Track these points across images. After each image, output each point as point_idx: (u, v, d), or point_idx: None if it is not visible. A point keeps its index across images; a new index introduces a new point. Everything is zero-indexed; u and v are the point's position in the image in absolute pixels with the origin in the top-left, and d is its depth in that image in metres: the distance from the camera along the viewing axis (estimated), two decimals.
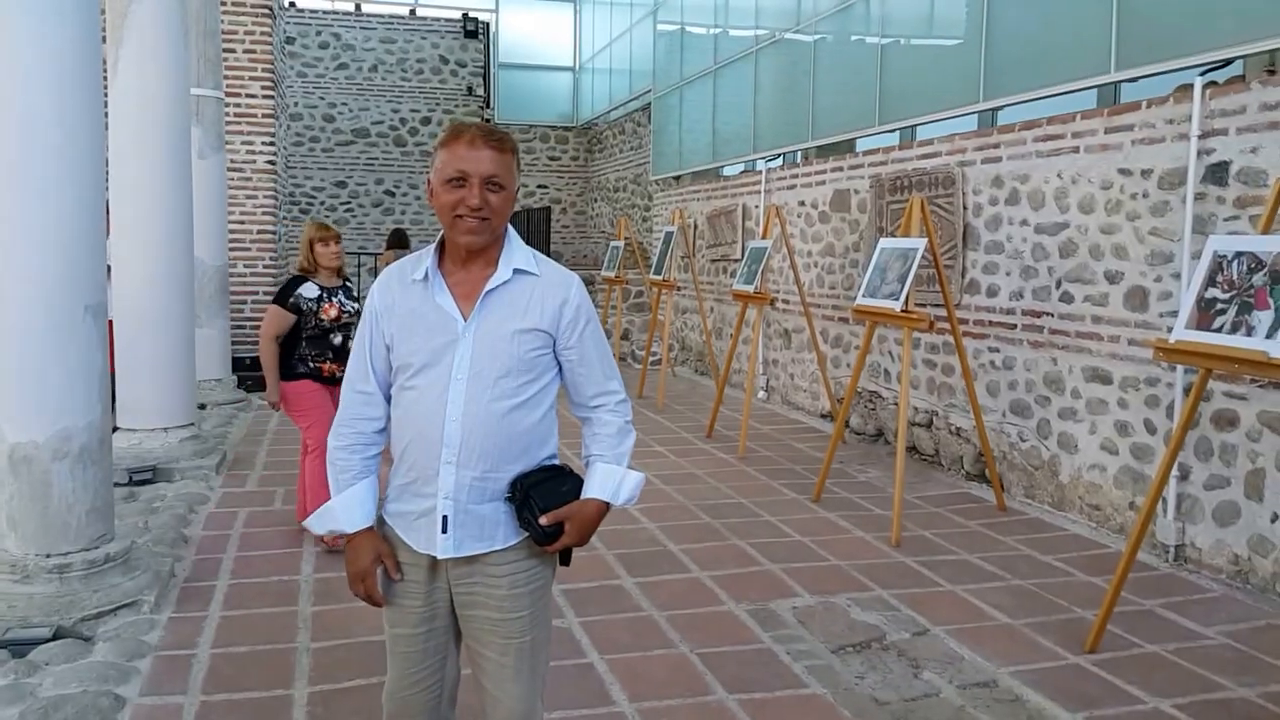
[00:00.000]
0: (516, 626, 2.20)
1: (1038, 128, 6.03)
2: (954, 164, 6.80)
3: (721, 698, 3.51)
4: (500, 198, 2.10)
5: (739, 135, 10.82)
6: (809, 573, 4.81)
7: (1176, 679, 3.67)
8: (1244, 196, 4.64)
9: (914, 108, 7.54)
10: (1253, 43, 4.69)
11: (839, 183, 8.57)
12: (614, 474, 2.24)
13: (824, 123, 8.96)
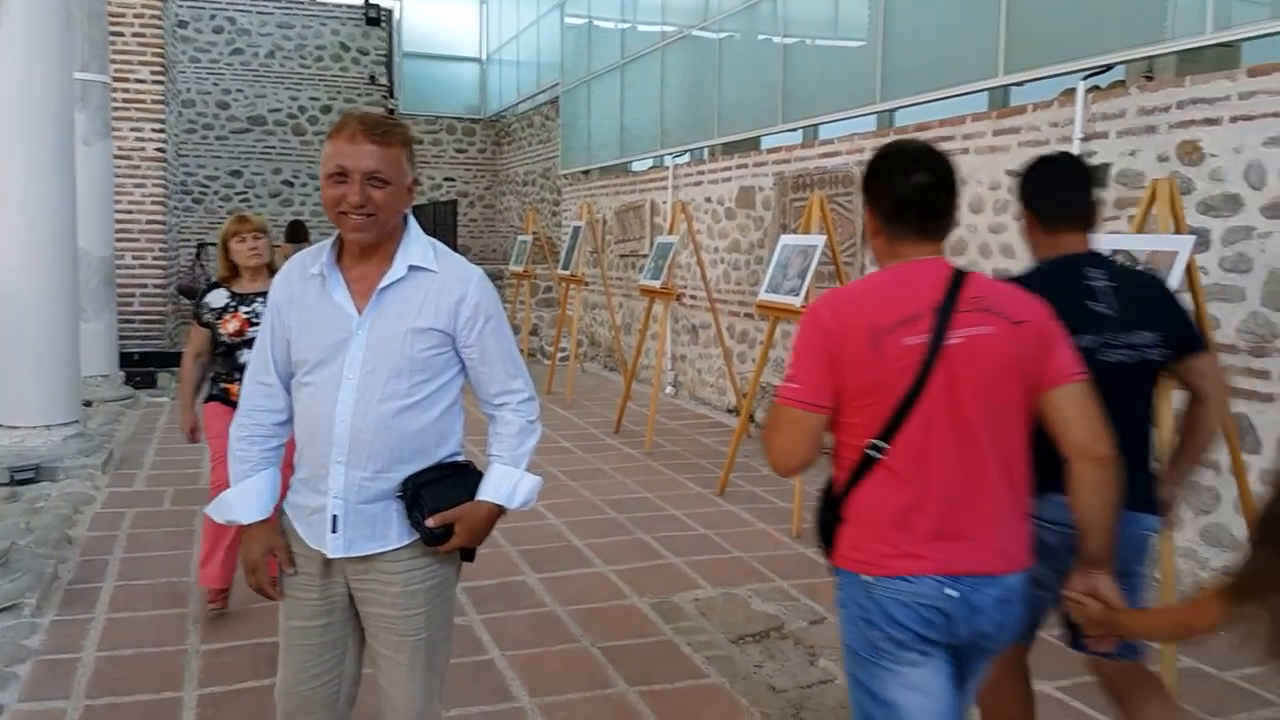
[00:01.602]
0: (411, 624, 2.17)
1: (931, 129, 6.20)
2: (853, 163, 6.94)
3: (622, 690, 3.54)
4: (385, 194, 2.03)
5: (647, 131, 10.87)
6: (712, 565, 4.87)
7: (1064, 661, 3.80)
8: (1123, 197, 4.84)
9: (816, 107, 7.67)
10: (1133, 49, 4.90)
11: (744, 180, 8.67)
12: (509, 476, 2.21)
13: (730, 120, 9.05)
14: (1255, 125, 4.22)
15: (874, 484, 1.99)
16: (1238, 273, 4.30)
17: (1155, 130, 4.70)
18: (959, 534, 1.96)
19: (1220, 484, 4.33)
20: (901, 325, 1.94)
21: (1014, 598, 2.01)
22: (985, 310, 1.96)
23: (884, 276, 2.06)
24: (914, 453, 1.95)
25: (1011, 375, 1.97)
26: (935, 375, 1.93)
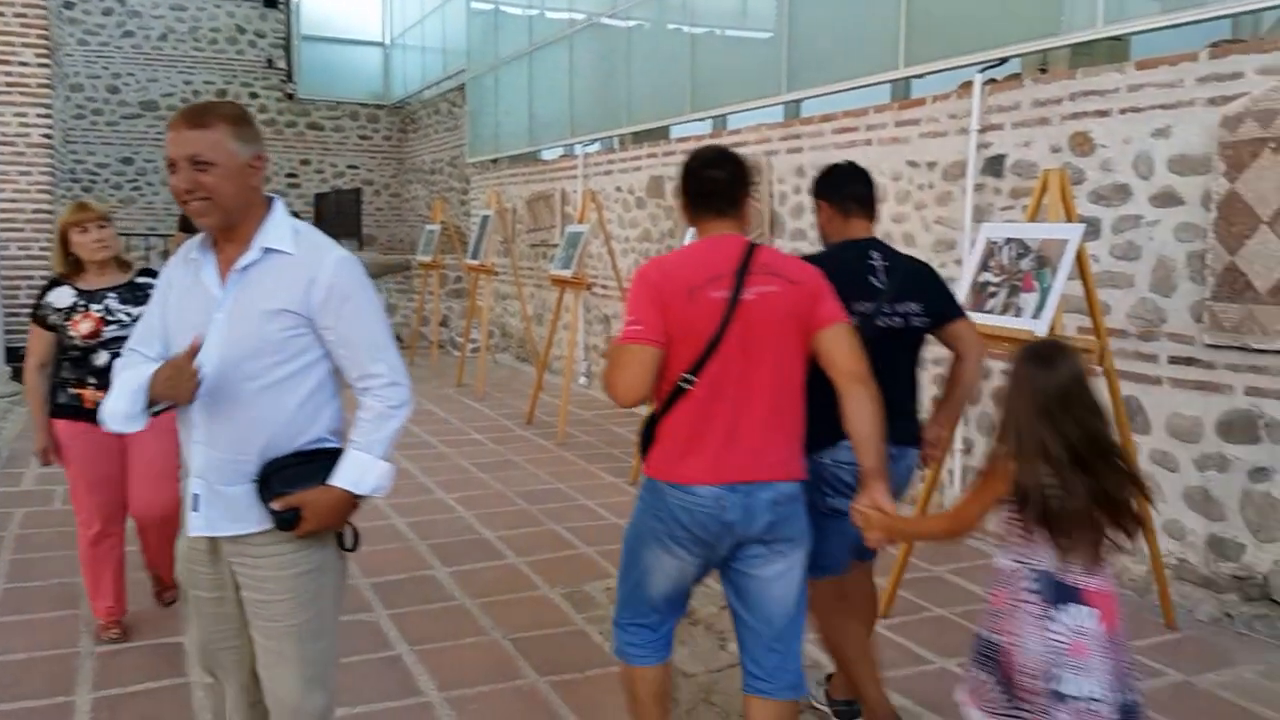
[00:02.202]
0: (279, 610, 2.20)
1: (835, 120, 6.30)
2: (760, 153, 7.01)
3: (533, 681, 3.53)
4: (212, 176, 2.06)
5: (557, 119, 10.80)
6: (615, 555, 4.86)
7: (962, 638, 3.91)
8: (1018, 187, 4.99)
9: (725, 97, 7.72)
10: (1028, 42, 5.04)
11: (654, 169, 8.69)
12: (359, 462, 2.21)
13: (640, 109, 9.05)
14: (1143, 117, 4.39)
15: (681, 410, 2.47)
16: (1127, 260, 4.46)
17: (1048, 122, 4.85)
18: (742, 450, 2.44)
19: None
20: (710, 283, 2.44)
21: (785, 500, 2.49)
22: (771, 274, 2.48)
23: (696, 247, 2.59)
24: (713, 384, 2.44)
25: (791, 323, 2.48)
26: (734, 322, 2.43)
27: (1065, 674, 2.05)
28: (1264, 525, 3.92)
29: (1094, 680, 2.05)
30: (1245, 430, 3.99)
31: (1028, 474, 2.10)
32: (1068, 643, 2.06)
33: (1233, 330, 3.98)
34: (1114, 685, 2.07)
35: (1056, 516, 2.08)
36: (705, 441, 2.44)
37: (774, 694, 2.57)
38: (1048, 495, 2.08)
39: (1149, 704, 3.37)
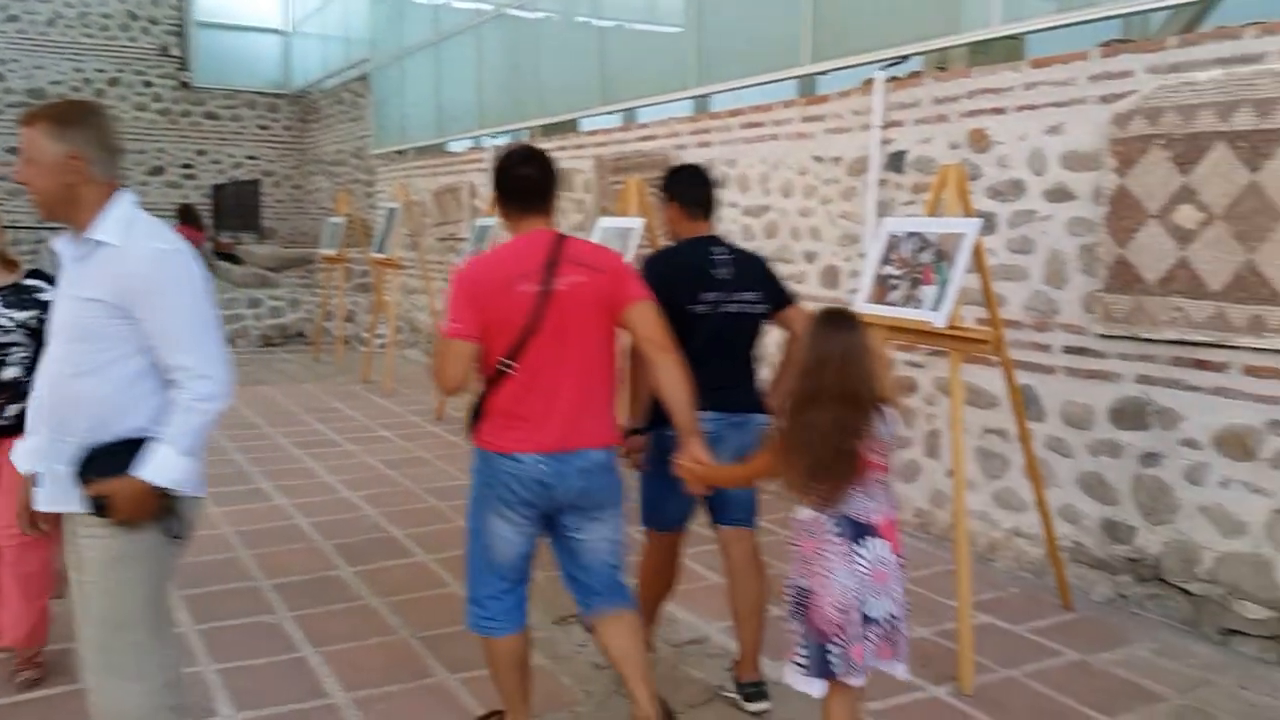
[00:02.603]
0: (88, 592, 2.32)
1: (743, 115, 6.35)
2: (670, 147, 7.03)
3: (443, 679, 3.49)
4: (30, 170, 2.25)
5: (465, 111, 10.66)
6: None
7: None
8: (919, 183, 5.10)
9: (634, 91, 7.72)
10: (928, 40, 5.15)
11: (564, 162, 8.63)
12: (161, 454, 2.26)
13: (549, 102, 9.00)
14: (1038, 114, 4.52)
15: (503, 390, 2.78)
16: (1022, 254, 4.60)
17: (947, 119, 4.96)
18: (557, 423, 2.76)
19: (1008, 450, 4.63)
20: (522, 278, 2.72)
21: (596, 467, 2.83)
22: (579, 264, 2.77)
23: (509, 244, 2.87)
24: (530, 367, 2.74)
25: (598, 309, 2.79)
26: (546, 312, 2.72)
27: (870, 599, 2.41)
28: (1155, 508, 4.09)
29: (891, 600, 2.44)
30: (1135, 417, 4.15)
31: (800, 422, 2.42)
32: (870, 572, 2.42)
33: (1123, 321, 4.13)
34: (903, 598, 2.47)
35: (820, 460, 2.39)
36: (525, 417, 2.77)
37: (608, 609, 2.96)
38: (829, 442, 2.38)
39: (1046, 683, 3.51)
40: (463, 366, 2.77)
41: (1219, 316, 3.79)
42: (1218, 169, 3.78)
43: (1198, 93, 3.84)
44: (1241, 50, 3.74)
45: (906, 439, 5.24)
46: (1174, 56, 3.97)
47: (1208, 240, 3.82)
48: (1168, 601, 4.05)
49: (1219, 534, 3.86)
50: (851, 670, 2.42)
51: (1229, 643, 3.82)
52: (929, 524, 5.13)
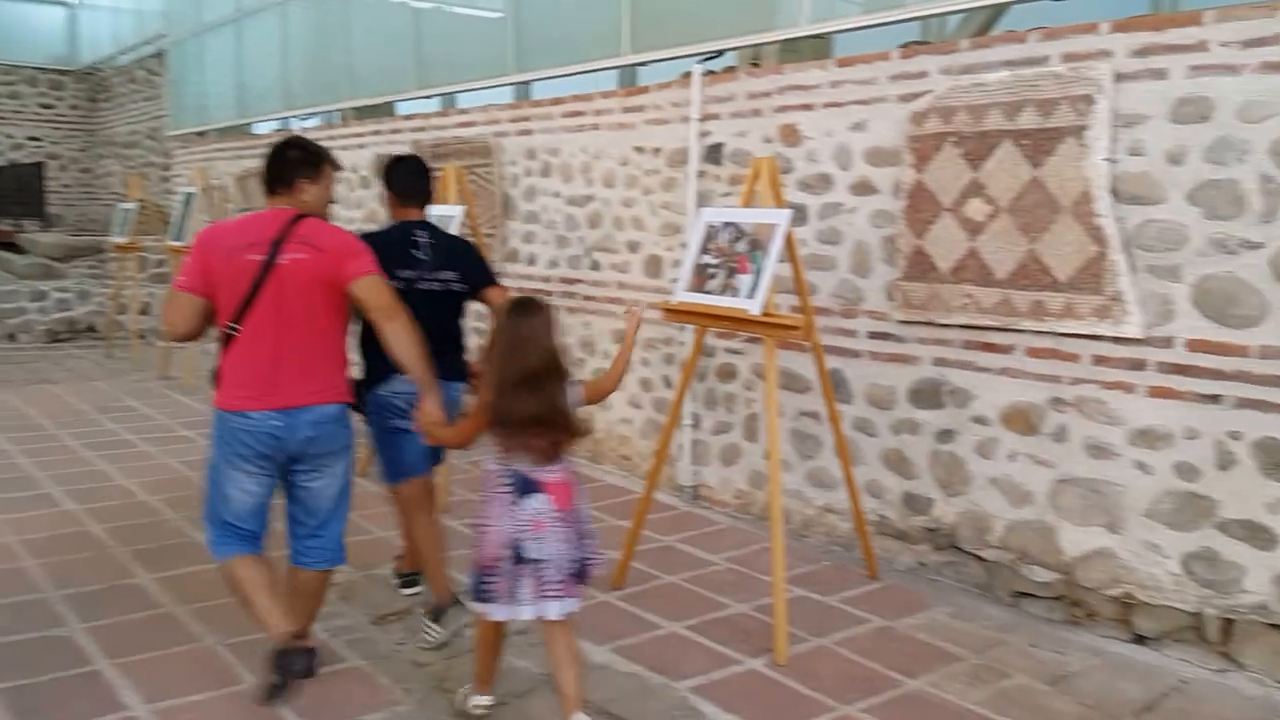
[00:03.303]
0: None
1: (564, 104, 6.36)
2: (490, 134, 6.96)
3: (252, 686, 3.34)
4: None
5: (270, 91, 10.20)
6: (352, 548, 4.66)
7: (689, 603, 4.12)
8: (736, 175, 5.25)
9: (453, 76, 7.60)
10: (742, 36, 5.31)
11: (380, 147, 8.41)
12: None
13: (362, 84, 8.73)
14: (843, 111, 4.73)
15: (233, 353, 3.12)
16: (830, 244, 4.81)
17: (761, 113, 5.13)
18: (284, 382, 3.10)
19: (820, 431, 4.85)
20: (248, 247, 3.08)
21: (324, 420, 3.19)
22: (304, 243, 3.11)
23: (248, 216, 3.26)
24: (255, 331, 3.08)
25: (319, 284, 3.13)
26: (268, 282, 3.07)
27: (527, 544, 2.82)
28: (950, 481, 4.37)
29: (547, 547, 2.83)
30: (932, 397, 4.42)
31: (497, 398, 2.83)
32: (529, 521, 2.82)
33: (920, 307, 4.38)
34: (568, 549, 2.87)
35: (509, 427, 2.83)
36: (254, 377, 3.10)
37: (312, 566, 3.33)
38: (503, 412, 2.82)
39: (854, 649, 3.70)
40: (183, 315, 3.14)
41: (1005, 302, 4.08)
42: (1004, 165, 4.07)
43: (987, 93, 4.12)
44: (1026, 53, 4.03)
45: (728, 423, 5.40)
46: (966, 58, 4.24)
47: (995, 232, 4.11)
48: (963, 568, 4.35)
49: (1008, 504, 4.17)
50: (503, 600, 2.85)
51: (1019, 604, 4.13)
52: (749, 504, 5.30)
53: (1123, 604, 3.83)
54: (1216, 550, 3.57)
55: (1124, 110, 3.73)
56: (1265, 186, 3.40)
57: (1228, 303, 3.52)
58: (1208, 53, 3.53)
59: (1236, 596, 3.53)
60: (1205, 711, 3.27)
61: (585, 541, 2.94)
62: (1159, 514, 3.72)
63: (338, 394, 3.24)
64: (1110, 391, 3.83)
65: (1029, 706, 3.30)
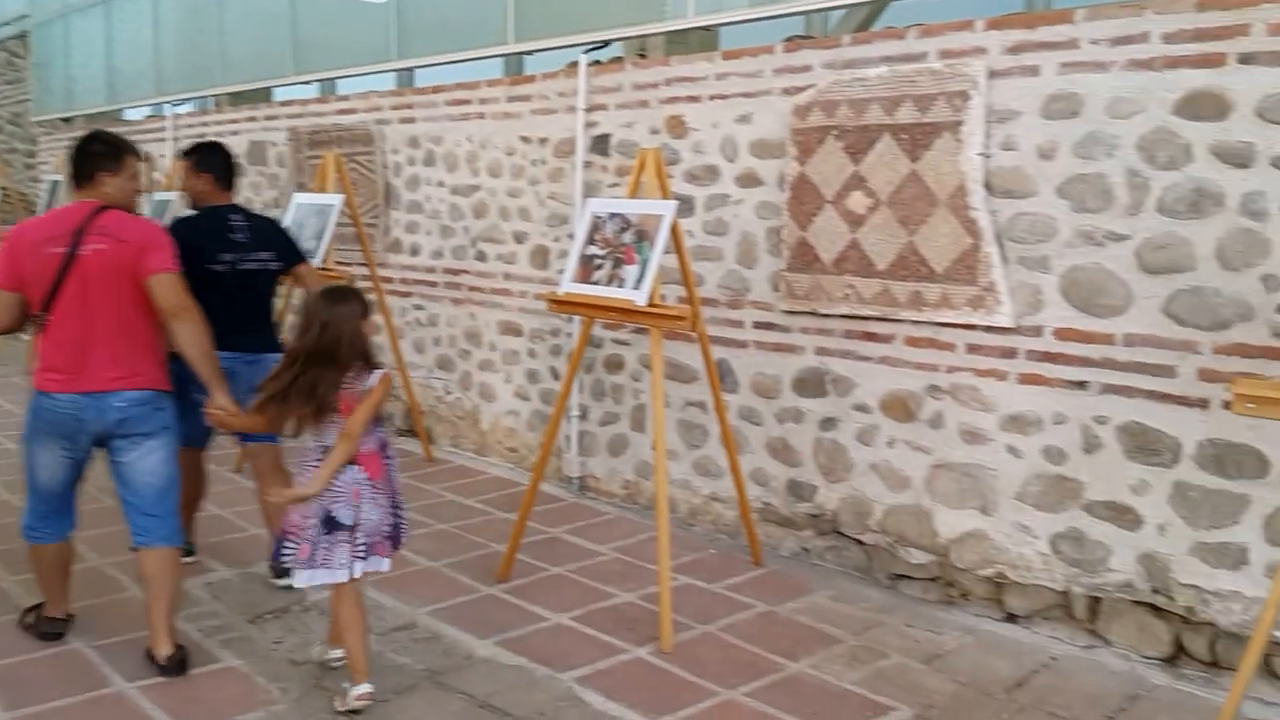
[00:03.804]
0: None
1: (448, 92, 6.26)
2: (372, 122, 6.80)
3: (121, 689, 3.23)
4: None
5: (142, 76, 9.76)
6: (228, 546, 4.58)
7: (576, 594, 4.10)
8: (623, 166, 5.24)
9: (332, 61, 7.39)
10: (627, 27, 5.30)
11: (255, 134, 8.15)
12: None
13: (237, 69, 8.43)
14: (728, 104, 4.77)
15: (45, 339, 3.30)
16: (717, 235, 4.84)
17: (648, 104, 5.13)
18: (92, 367, 3.26)
19: (707, 421, 4.88)
20: (50, 240, 3.23)
21: (133, 403, 3.32)
22: (104, 234, 3.25)
23: (56, 210, 3.43)
24: (62, 318, 3.24)
25: (120, 274, 3.26)
26: (72, 272, 3.21)
27: (340, 510, 3.02)
28: (832, 468, 4.45)
29: (362, 514, 3.05)
30: (815, 386, 4.50)
31: (300, 376, 3.02)
32: (344, 489, 3.03)
33: (804, 298, 4.45)
34: (381, 516, 3.10)
35: (315, 404, 3.02)
36: (62, 362, 3.26)
37: (145, 543, 3.40)
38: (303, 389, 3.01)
39: (738, 635, 3.73)
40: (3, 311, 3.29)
41: (885, 293, 4.17)
42: (884, 159, 4.16)
43: (867, 88, 4.20)
44: (905, 50, 4.13)
45: (615, 414, 5.39)
46: (848, 53, 4.31)
47: (875, 224, 4.20)
48: (844, 552, 4.44)
49: (887, 489, 4.27)
50: (304, 565, 3.04)
51: (897, 586, 4.24)
52: (636, 495, 5.31)
53: (995, 584, 3.96)
54: (1083, 530, 3.72)
55: (998, 106, 3.85)
56: (1131, 180, 3.55)
57: (1094, 293, 3.66)
58: (1078, 50, 3.66)
59: (1102, 575, 3.68)
60: (1073, 687, 3.40)
61: (397, 509, 3.20)
62: (1029, 496, 3.85)
63: (147, 380, 3.36)
64: (983, 379, 3.96)
65: (905, 685, 3.38)
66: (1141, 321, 3.55)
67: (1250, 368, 3.30)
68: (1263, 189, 3.26)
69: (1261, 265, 3.28)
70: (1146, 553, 3.57)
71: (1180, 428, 3.48)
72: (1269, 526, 3.30)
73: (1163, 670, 3.51)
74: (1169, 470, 3.51)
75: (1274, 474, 3.28)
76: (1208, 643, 3.45)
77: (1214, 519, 3.41)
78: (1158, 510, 3.54)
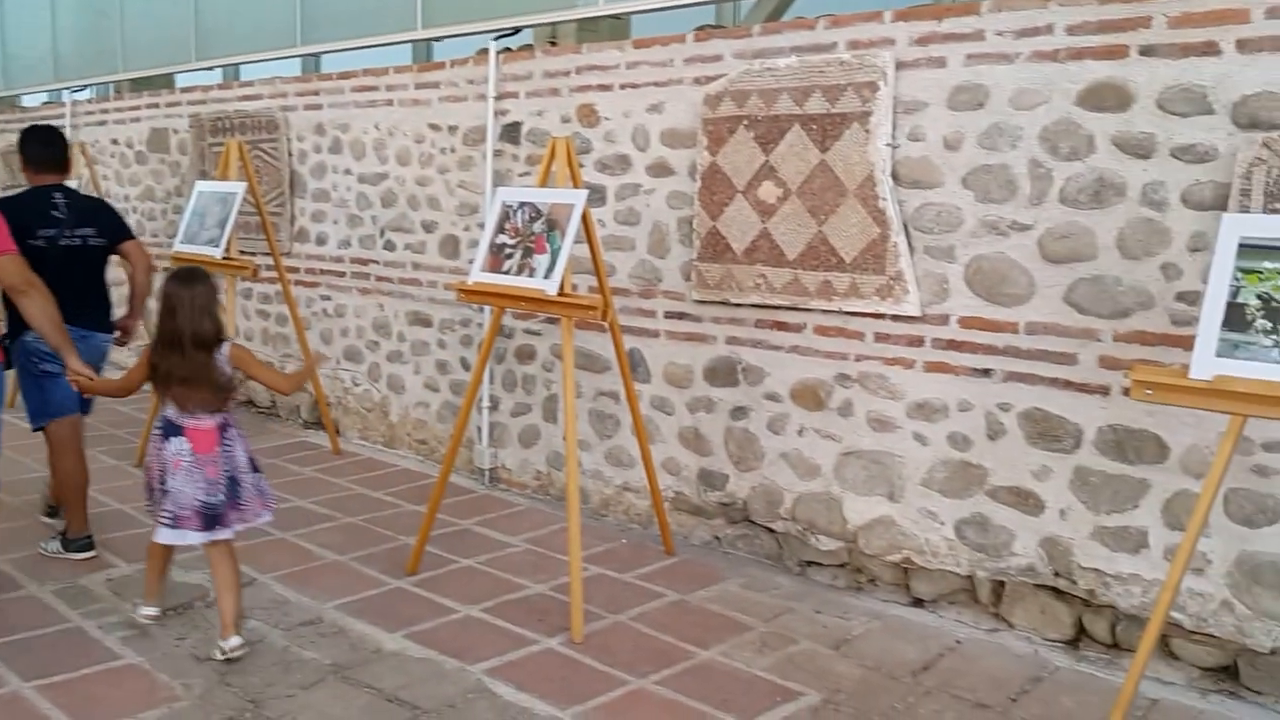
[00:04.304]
0: None
1: (355, 78, 6.12)
2: (276, 108, 6.62)
3: (16, 688, 3.10)
4: None
5: (39, 61, 9.38)
6: (127, 541, 4.42)
7: (486, 586, 4.04)
8: (533, 154, 5.19)
9: (235, 47, 7.18)
10: (537, 15, 5.24)
11: (156, 121, 7.88)
12: None
13: (137, 54, 8.14)
14: (640, 93, 4.74)
15: None
16: (629, 225, 4.82)
17: (559, 93, 5.08)
18: None
19: (619, 411, 4.86)
20: None
21: None
22: None
23: None
24: None
25: None
26: None
27: (170, 478, 3.30)
28: (743, 457, 4.46)
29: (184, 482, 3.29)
30: (726, 375, 4.50)
31: (155, 355, 3.31)
32: (171, 459, 3.30)
33: (715, 287, 4.45)
34: (192, 491, 3.31)
35: (163, 381, 3.32)
36: None
37: None
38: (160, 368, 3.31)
39: (649, 624, 3.72)
40: None
41: (795, 282, 4.20)
42: (794, 149, 4.18)
43: (778, 78, 4.22)
44: (814, 40, 4.15)
45: (527, 405, 5.33)
46: (758, 43, 4.32)
47: (785, 214, 4.22)
48: (755, 540, 4.45)
49: (797, 477, 4.30)
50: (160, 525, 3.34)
51: (807, 573, 4.27)
52: (548, 486, 5.26)
53: (902, 569, 4.01)
54: (987, 516, 3.79)
55: (905, 97, 3.90)
56: (1034, 171, 3.62)
57: (998, 282, 3.73)
58: (984, 42, 3.72)
59: (1006, 559, 3.76)
60: (977, 669, 3.46)
61: (217, 487, 3.34)
62: (934, 482, 3.91)
63: None
64: (891, 367, 4.00)
65: (813, 670, 3.40)
66: (1044, 310, 3.63)
67: (1150, 355, 3.39)
68: (1163, 179, 3.35)
69: (1161, 254, 3.37)
70: (1049, 537, 3.65)
71: (1081, 414, 3.56)
72: (1168, 510, 3.39)
73: (1065, 652, 3.59)
74: (1070, 456, 3.59)
75: (1173, 459, 3.37)
76: (1108, 625, 3.54)
77: (1114, 503, 3.50)
78: (1059, 495, 3.62)
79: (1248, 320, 2.59)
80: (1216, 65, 3.22)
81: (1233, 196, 3.16)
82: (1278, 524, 3.19)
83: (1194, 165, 3.28)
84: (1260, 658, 3.23)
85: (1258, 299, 2.57)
